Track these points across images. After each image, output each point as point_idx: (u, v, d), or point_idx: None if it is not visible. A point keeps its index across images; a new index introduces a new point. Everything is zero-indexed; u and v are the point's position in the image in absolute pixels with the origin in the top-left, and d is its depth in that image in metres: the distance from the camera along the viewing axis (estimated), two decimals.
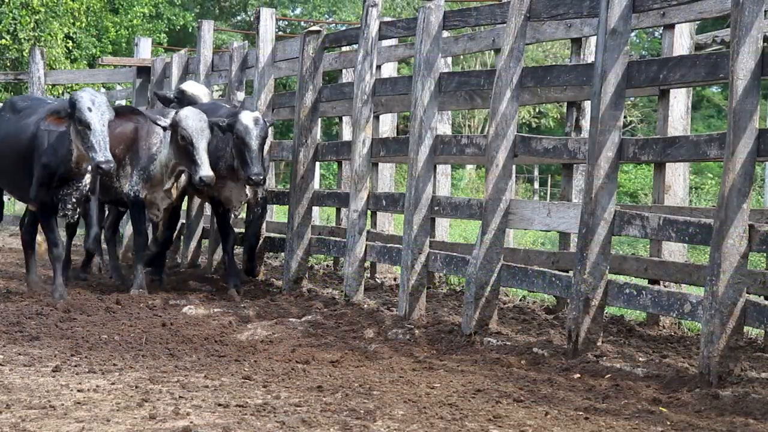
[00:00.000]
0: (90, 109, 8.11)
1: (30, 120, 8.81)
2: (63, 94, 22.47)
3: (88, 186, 8.73)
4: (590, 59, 8.24)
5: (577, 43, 8.61)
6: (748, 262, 5.63)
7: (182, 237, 12.03)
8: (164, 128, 9.12)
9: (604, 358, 6.34)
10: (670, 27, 7.81)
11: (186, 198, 11.83)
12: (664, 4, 6.37)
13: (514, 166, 7.44)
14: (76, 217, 8.82)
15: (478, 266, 7.27)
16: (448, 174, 10.83)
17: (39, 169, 8.57)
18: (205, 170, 8.74)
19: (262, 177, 8.95)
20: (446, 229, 10.72)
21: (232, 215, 9.88)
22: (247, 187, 9.52)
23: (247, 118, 9.05)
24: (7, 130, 9.01)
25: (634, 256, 8.18)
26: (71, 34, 26.15)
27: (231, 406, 4.90)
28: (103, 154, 8.00)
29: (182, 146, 8.93)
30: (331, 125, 29.08)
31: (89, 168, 8.53)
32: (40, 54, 14.13)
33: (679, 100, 7.90)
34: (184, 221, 12.01)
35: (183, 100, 10.40)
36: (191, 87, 10.58)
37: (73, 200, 8.67)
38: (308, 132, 9.68)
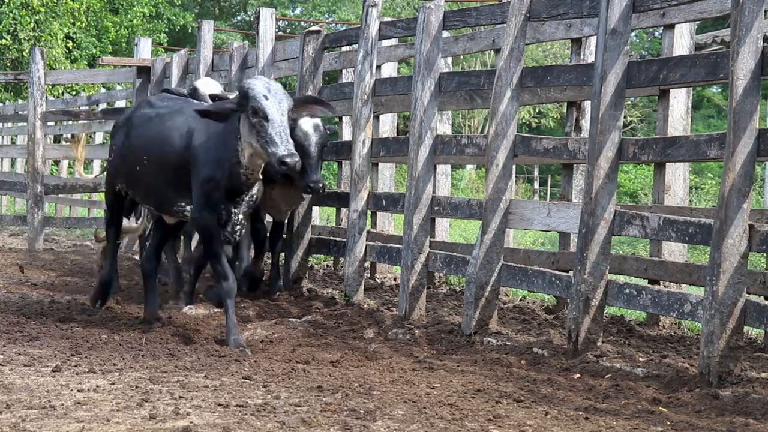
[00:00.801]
0: (266, 97, 6.92)
1: (177, 122, 7.55)
2: (63, 94, 22.51)
3: (256, 197, 7.44)
4: (590, 59, 8.24)
5: (577, 43, 8.61)
6: (748, 262, 5.63)
7: (182, 237, 12.03)
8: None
9: (604, 358, 6.34)
10: (670, 27, 7.80)
11: None
12: (664, 4, 6.37)
13: (514, 166, 7.44)
14: (237, 238, 7.49)
15: (478, 266, 7.27)
16: (448, 174, 10.83)
17: (200, 184, 7.19)
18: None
19: (321, 185, 8.61)
20: (446, 229, 10.72)
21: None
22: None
23: (306, 124, 8.77)
24: (149, 136, 7.71)
25: (634, 256, 8.18)
26: (71, 34, 26.17)
27: (231, 406, 4.90)
28: (285, 147, 6.72)
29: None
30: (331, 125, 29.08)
31: (259, 174, 7.25)
32: (40, 54, 14.13)
33: (679, 100, 7.90)
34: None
35: (196, 98, 10.26)
36: (205, 84, 10.18)
37: (240, 217, 7.33)
38: None
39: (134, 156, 7.73)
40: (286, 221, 9.61)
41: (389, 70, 11.07)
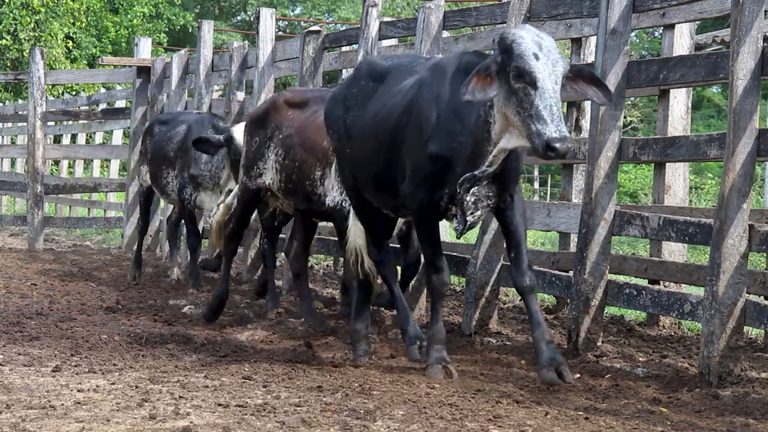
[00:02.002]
0: (537, 57, 5.11)
1: (403, 86, 5.82)
2: (63, 94, 22.51)
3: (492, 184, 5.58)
4: (590, 59, 8.24)
5: (577, 43, 8.61)
6: (748, 262, 5.63)
7: (182, 237, 12.04)
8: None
9: (604, 358, 6.34)
10: (670, 27, 7.80)
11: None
12: (664, 4, 6.37)
13: None
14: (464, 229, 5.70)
15: (478, 266, 7.27)
16: None
17: (420, 159, 5.56)
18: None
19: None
20: (446, 229, 10.72)
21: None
22: None
23: None
24: (375, 105, 5.96)
25: (634, 256, 8.18)
26: (71, 34, 26.18)
27: (231, 406, 4.90)
28: (556, 126, 4.98)
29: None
30: None
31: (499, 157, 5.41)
32: (40, 54, 14.13)
33: (679, 100, 7.90)
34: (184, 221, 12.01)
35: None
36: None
37: (481, 203, 5.60)
38: None
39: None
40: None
41: None
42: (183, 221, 10.28)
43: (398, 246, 7.68)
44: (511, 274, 5.68)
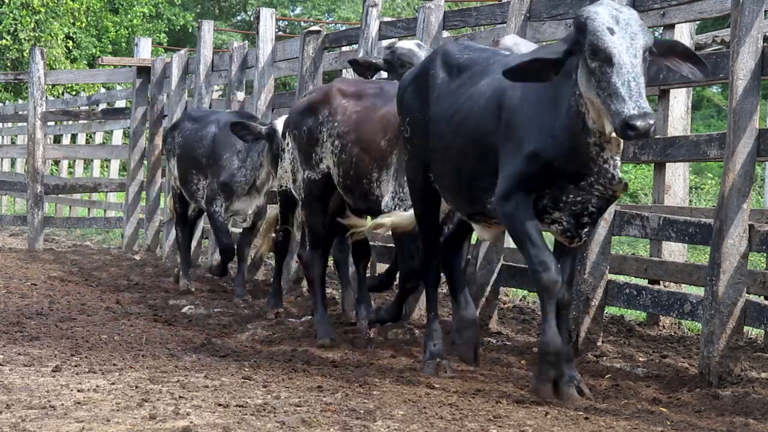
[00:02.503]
0: (612, 31, 4.78)
1: (482, 87, 5.42)
2: (63, 94, 22.52)
3: (618, 181, 5.06)
4: None
5: None
6: (748, 262, 5.63)
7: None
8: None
9: (604, 358, 6.34)
10: (670, 27, 7.80)
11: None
12: (664, 4, 6.37)
13: None
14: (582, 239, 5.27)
15: (478, 266, 7.27)
16: None
17: (518, 160, 5.10)
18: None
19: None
20: (446, 230, 10.70)
21: None
22: None
23: None
24: (453, 104, 5.55)
25: (634, 256, 8.18)
26: (71, 34, 26.17)
27: (231, 406, 4.90)
28: (635, 103, 4.61)
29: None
30: None
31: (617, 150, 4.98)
32: (40, 54, 14.14)
33: (679, 100, 7.90)
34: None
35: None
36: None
37: (589, 210, 5.12)
38: None
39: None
40: None
41: None
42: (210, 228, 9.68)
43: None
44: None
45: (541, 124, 5.02)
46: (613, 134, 4.80)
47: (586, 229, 5.15)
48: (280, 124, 8.17)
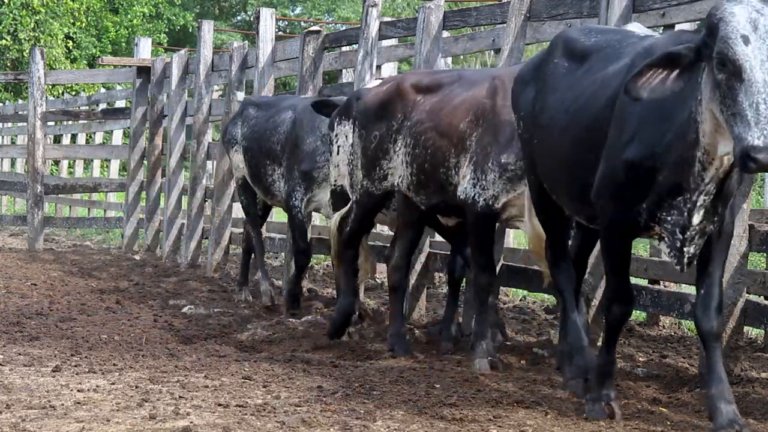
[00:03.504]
0: (746, 40, 4.10)
1: (607, 73, 4.82)
2: (63, 94, 22.53)
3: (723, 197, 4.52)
4: None
5: None
6: (748, 262, 5.63)
7: (182, 237, 12.04)
8: None
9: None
10: (670, 27, 7.80)
11: (189, 196, 11.87)
12: (664, 4, 6.37)
13: None
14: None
15: None
16: None
17: (613, 164, 4.59)
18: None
19: None
20: None
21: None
22: None
23: None
24: (570, 93, 5.00)
25: (634, 256, 8.17)
26: (71, 34, 26.17)
27: (231, 406, 4.90)
28: (761, 131, 3.97)
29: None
30: None
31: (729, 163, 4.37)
32: (40, 54, 14.14)
33: None
34: (184, 221, 12.03)
35: None
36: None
37: (694, 227, 4.54)
38: None
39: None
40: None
41: (389, 70, 11.06)
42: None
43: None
44: (695, 313, 4.68)
45: (655, 128, 4.44)
46: (725, 157, 4.28)
47: (688, 249, 4.54)
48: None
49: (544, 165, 5.18)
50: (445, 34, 9.08)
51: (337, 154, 7.19)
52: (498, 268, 7.27)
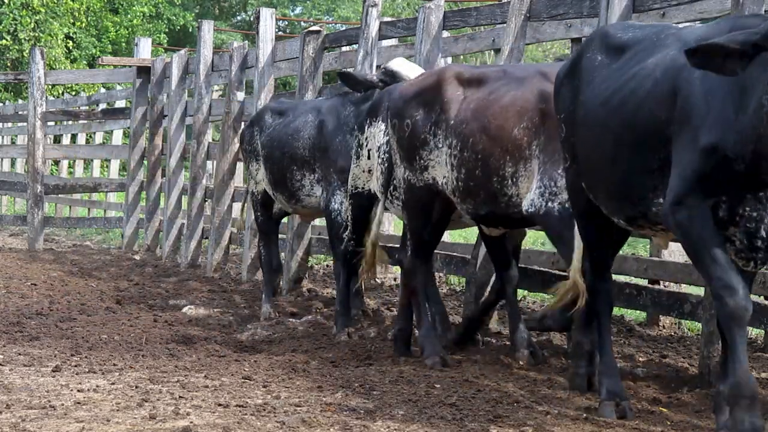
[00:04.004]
0: None
1: (648, 65, 4.63)
2: (63, 94, 22.53)
3: None
4: None
5: (578, 43, 8.60)
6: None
7: (182, 237, 12.04)
8: None
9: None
10: None
11: (189, 196, 11.87)
12: (664, 4, 6.38)
13: None
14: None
15: (478, 266, 7.26)
16: None
17: (694, 156, 4.29)
18: None
19: None
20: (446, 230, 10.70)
21: None
22: None
23: None
24: (608, 88, 4.79)
25: (634, 256, 8.18)
26: (71, 34, 26.17)
27: (231, 406, 4.90)
28: None
29: None
30: None
31: None
32: (40, 54, 14.14)
33: None
34: (184, 221, 12.03)
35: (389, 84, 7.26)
36: (402, 66, 7.30)
37: (763, 231, 4.29)
38: None
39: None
40: None
41: None
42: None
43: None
44: None
45: (724, 115, 4.18)
46: None
47: (760, 254, 4.29)
48: (395, 65, 7.24)
49: (582, 163, 4.93)
50: (445, 34, 9.08)
51: (368, 158, 6.94)
52: None
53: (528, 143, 5.55)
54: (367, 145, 6.90)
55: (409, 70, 7.09)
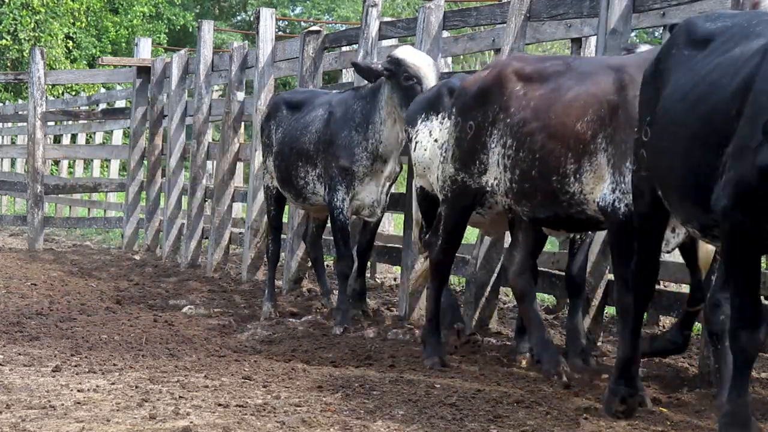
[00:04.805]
0: None
1: (732, 56, 4.26)
2: (63, 94, 22.53)
3: None
4: None
5: (577, 43, 8.60)
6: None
7: (182, 237, 12.04)
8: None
9: (604, 358, 6.34)
10: None
11: (189, 196, 11.87)
12: (664, 4, 6.38)
13: None
14: None
15: (478, 266, 7.27)
16: None
17: (744, 167, 4.01)
18: None
19: None
20: None
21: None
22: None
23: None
24: (688, 81, 4.46)
25: None
26: (71, 34, 26.18)
27: (231, 406, 4.90)
28: None
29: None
30: None
31: None
32: (40, 54, 14.14)
33: None
34: (184, 221, 12.03)
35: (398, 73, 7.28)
36: (407, 54, 7.29)
37: None
38: None
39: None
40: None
41: None
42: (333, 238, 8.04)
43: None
44: None
45: None
46: None
47: None
48: (401, 52, 7.24)
49: (655, 163, 4.55)
50: (445, 34, 9.08)
51: (414, 151, 6.83)
52: (498, 268, 7.27)
53: (591, 137, 5.21)
54: (416, 138, 6.75)
55: (414, 58, 7.20)
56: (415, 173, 6.99)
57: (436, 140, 6.64)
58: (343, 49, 10.69)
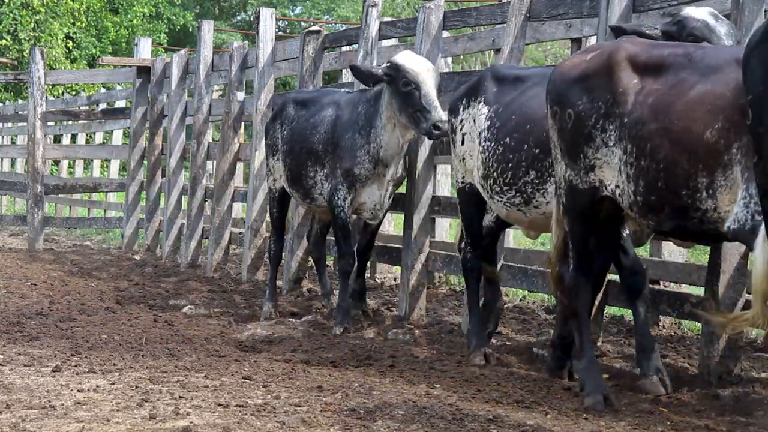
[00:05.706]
0: None
1: None
2: (63, 94, 22.53)
3: None
4: None
5: (577, 43, 8.60)
6: (748, 262, 5.63)
7: (182, 237, 12.04)
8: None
9: (604, 358, 6.34)
10: None
11: (189, 196, 11.87)
12: (664, 4, 6.37)
13: None
14: None
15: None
16: (448, 174, 10.83)
17: None
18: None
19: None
20: (446, 229, 10.71)
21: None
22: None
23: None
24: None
25: None
26: (71, 34, 26.17)
27: (231, 406, 4.90)
28: None
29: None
30: None
31: None
32: (40, 54, 14.14)
33: None
34: (184, 221, 12.03)
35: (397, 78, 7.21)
36: (407, 59, 7.26)
37: None
38: None
39: None
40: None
41: None
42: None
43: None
44: None
45: None
46: None
47: None
48: (401, 58, 7.19)
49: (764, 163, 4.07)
50: (445, 34, 9.08)
51: (462, 143, 6.40)
52: (497, 268, 7.27)
53: (724, 147, 4.54)
54: (461, 129, 6.40)
55: (413, 63, 7.16)
56: (464, 169, 6.39)
57: (479, 132, 6.25)
58: (343, 49, 10.69)
